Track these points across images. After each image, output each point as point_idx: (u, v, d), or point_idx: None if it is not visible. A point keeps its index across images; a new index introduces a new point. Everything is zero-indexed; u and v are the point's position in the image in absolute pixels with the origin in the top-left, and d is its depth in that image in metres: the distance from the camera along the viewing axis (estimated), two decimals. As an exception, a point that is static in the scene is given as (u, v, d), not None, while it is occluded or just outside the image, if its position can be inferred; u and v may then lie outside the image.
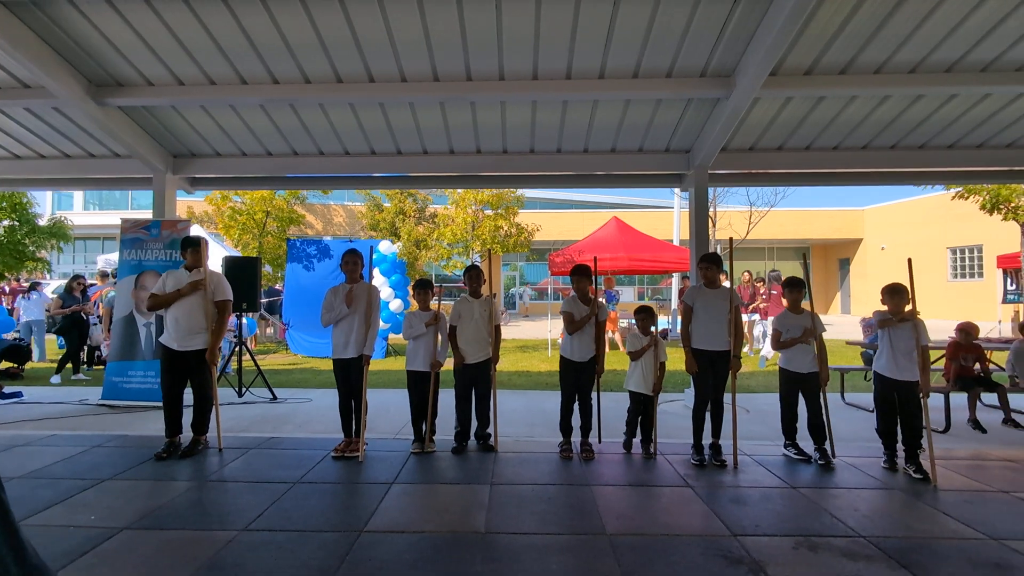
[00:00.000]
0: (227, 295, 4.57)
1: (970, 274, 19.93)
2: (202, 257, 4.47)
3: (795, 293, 4.37)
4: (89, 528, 2.95)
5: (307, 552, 2.70)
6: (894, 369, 4.01)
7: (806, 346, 4.27)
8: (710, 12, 4.32)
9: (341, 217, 25.45)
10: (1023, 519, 3.15)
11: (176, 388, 4.39)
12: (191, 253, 4.46)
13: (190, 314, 4.35)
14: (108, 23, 4.59)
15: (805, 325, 4.28)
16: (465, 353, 4.40)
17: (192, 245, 4.50)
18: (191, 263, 4.49)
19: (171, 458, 4.20)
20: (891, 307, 4.10)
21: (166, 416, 4.36)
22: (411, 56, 4.83)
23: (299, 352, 10.71)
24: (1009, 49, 4.64)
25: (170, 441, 4.34)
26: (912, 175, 6.75)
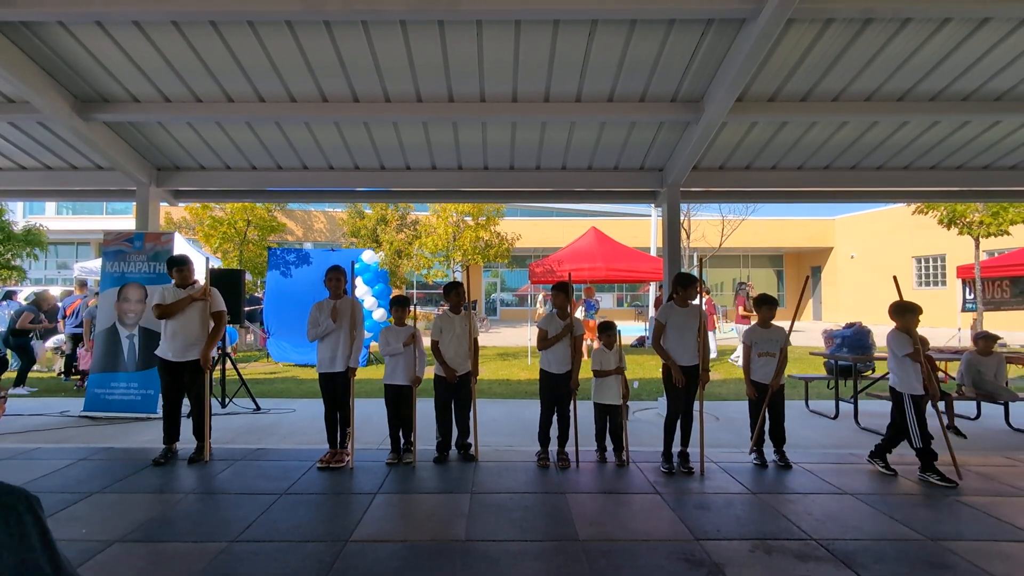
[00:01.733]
0: (222, 307, 4.77)
1: (934, 282, 20.74)
2: (191, 275, 4.67)
3: (767, 310, 4.64)
4: (80, 542, 3.04)
5: (296, 562, 2.84)
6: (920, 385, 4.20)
7: (771, 359, 4.54)
8: (679, 44, 4.59)
9: (322, 223, 25.40)
10: (962, 521, 3.43)
11: (175, 398, 4.62)
12: (177, 272, 4.62)
13: (187, 327, 4.56)
14: (97, 43, 4.68)
15: (776, 339, 4.56)
16: (446, 368, 4.54)
17: (179, 264, 4.63)
18: (179, 282, 4.64)
19: (168, 464, 4.44)
20: (902, 325, 4.29)
21: (165, 425, 4.61)
22: (395, 78, 5.01)
23: (281, 360, 10.74)
24: (954, 82, 5.00)
25: (168, 448, 4.58)
26: (872, 194, 7.14)
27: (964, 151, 6.17)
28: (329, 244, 24.11)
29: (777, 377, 4.52)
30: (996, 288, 13.28)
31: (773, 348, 4.57)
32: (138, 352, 6.26)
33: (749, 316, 10.36)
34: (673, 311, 4.48)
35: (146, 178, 6.45)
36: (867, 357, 6.37)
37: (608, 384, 4.62)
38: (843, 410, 6.28)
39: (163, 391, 4.64)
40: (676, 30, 4.45)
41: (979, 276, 12.74)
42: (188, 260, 4.73)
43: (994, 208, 12.83)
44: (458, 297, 4.67)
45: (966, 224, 13.15)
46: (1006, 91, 5.16)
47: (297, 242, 24.68)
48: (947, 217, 13.31)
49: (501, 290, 27.72)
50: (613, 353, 4.67)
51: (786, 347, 4.62)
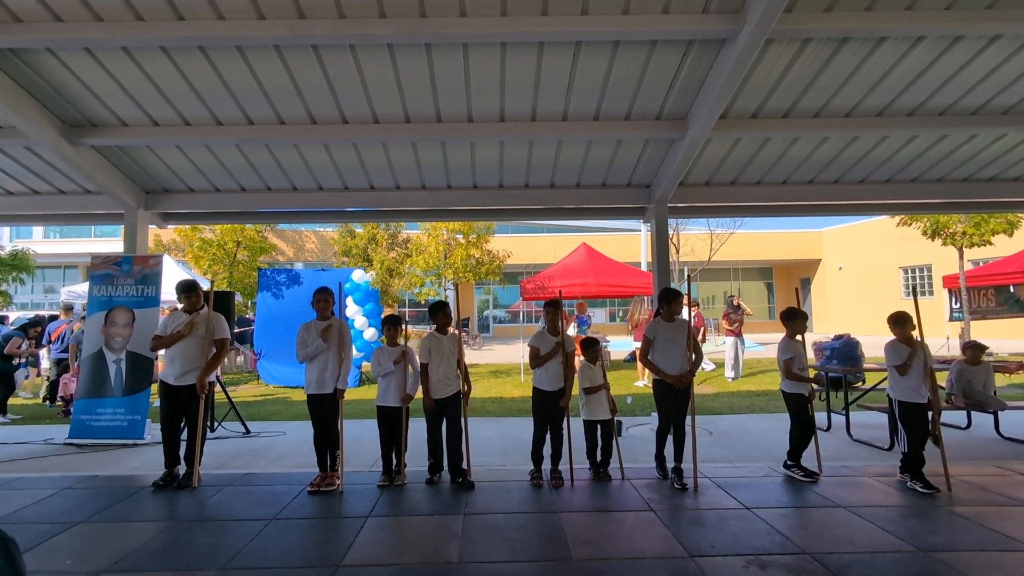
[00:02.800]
0: (225, 333, 4.78)
1: (921, 292, 20.98)
2: (199, 301, 4.74)
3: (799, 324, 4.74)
4: (66, 574, 2.97)
5: (285, 589, 2.78)
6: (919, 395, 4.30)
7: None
8: (662, 63, 4.70)
9: (313, 243, 25.36)
10: (954, 531, 3.43)
11: (173, 421, 4.61)
12: (186, 298, 4.69)
13: (187, 352, 4.59)
14: (85, 68, 4.71)
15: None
16: (435, 389, 4.46)
17: (187, 290, 4.71)
18: (188, 307, 4.69)
19: (167, 488, 4.42)
20: (900, 335, 4.41)
21: (165, 448, 4.60)
22: (383, 100, 5.07)
23: (271, 382, 10.62)
24: (930, 97, 5.14)
25: (168, 472, 4.56)
26: (855, 207, 7.27)
27: (943, 164, 6.30)
28: (320, 264, 24.04)
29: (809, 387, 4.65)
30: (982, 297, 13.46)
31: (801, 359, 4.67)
32: (125, 377, 6.17)
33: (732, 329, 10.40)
34: (660, 326, 4.53)
35: (134, 201, 6.43)
36: (857, 368, 6.41)
37: (598, 400, 4.62)
38: (835, 422, 6.30)
39: (161, 415, 4.61)
40: (659, 50, 4.55)
41: (964, 286, 12.93)
42: (197, 286, 4.81)
43: (976, 219, 13.08)
44: (445, 317, 4.58)
45: (949, 235, 13.38)
46: (980, 106, 5.30)
47: (288, 263, 24.61)
48: (931, 228, 13.55)
49: (494, 307, 27.70)
50: (598, 368, 4.68)
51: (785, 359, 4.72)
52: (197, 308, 4.72)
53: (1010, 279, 11.94)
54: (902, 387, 4.35)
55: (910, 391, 4.30)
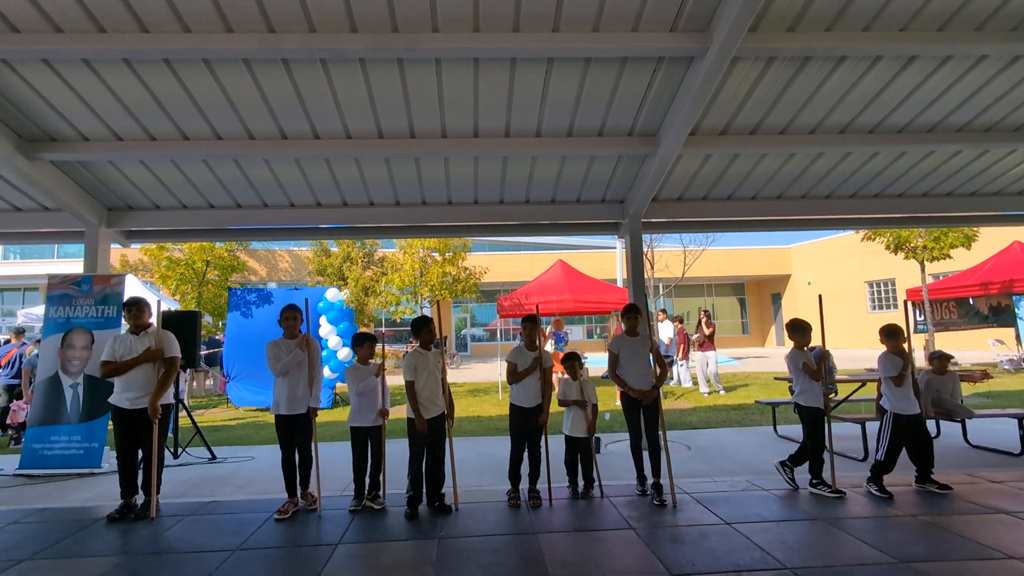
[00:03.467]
0: (175, 352, 4.54)
1: (886, 306, 21.61)
2: (146, 317, 4.47)
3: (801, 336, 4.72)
4: (3, 616, 2.75)
5: (246, 624, 2.62)
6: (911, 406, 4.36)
7: None
8: (633, 80, 4.77)
9: (287, 263, 24.93)
10: (930, 541, 3.44)
11: (130, 447, 4.33)
12: (128, 313, 4.43)
13: (142, 373, 4.34)
14: (43, 81, 4.55)
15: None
16: (423, 409, 4.18)
17: (130, 305, 4.44)
18: (135, 325, 4.43)
19: (124, 520, 4.13)
20: (892, 347, 4.47)
21: (120, 477, 4.31)
22: (356, 115, 5.02)
23: (241, 405, 10.27)
24: (890, 114, 5.32)
25: (125, 503, 4.26)
26: (822, 222, 7.44)
27: (903, 180, 6.52)
28: (293, 283, 23.61)
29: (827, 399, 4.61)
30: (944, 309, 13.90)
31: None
32: (82, 402, 5.87)
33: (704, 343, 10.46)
34: (624, 341, 4.59)
35: (96, 218, 6.20)
36: (829, 380, 6.49)
37: (575, 416, 4.58)
38: (810, 433, 6.33)
39: (117, 441, 4.34)
40: (629, 67, 4.62)
41: (927, 299, 13.33)
42: (142, 302, 4.52)
43: (935, 233, 13.56)
44: (430, 333, 4.38)
45: (911, 249, 13.83)
46: (936, 123, 5.52)
47: (261, 282, 24.09)
48: (893, 243, 13.99)
49: (471, 325, 27.51)
50: (576, 384, 4.65)
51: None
52: (144, 326, 4.46)
53: (969, 291, 12.37)
54: (897, 399, 4.39)
55: (905, 402, 4.36)
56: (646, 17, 4.14)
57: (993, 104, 5.27)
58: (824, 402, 4.51)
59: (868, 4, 4.13)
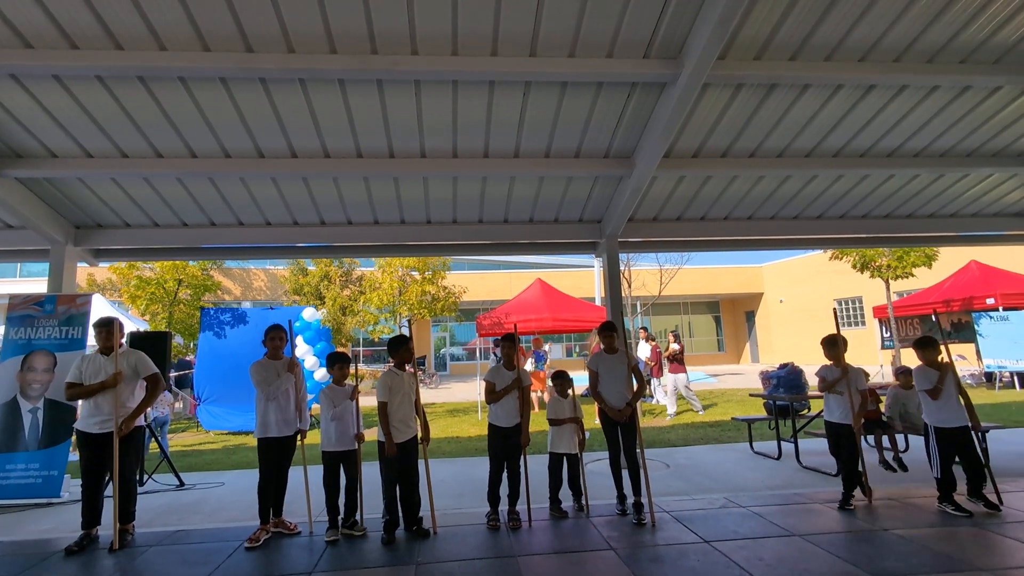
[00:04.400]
0: (153, 369, 4.43)
1: (854, 323, 22.22)
2: (115, 340, 4.29)
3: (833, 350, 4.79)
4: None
5: (214, 659, 2.51)
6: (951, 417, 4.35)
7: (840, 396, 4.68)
8: (608, 104, 4.89)
9: (262, 282, 24.47)
10: (902, 555, 3.51)
11: (97, 475, 4.12)
12: (104, 337, 4.27)
13: (112, 397, 4.17)
14: (10, 96, 4.45)
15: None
16: (395, 432, 4.08)
17: (100, 326, 4.30)
18: (104, 347, 4.28)
19: (83, 552, 3.92)
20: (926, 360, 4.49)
21: (84, 507, 4.10)
22: (334, 135, 5.02)
23: (212, 428, 9.95)
24: (852, 139, 5.56)
25: (86, 534, 4.06)
26: (791, 242, 7.68)
27: (866, 202, 6.78)
28: (269, 303, 23.16)
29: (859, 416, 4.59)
30: (908, 326, 14.37)
31: (842, 387, 4.64)
32: (42, 428, 5.60)
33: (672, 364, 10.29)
34: (602, 358, 4.64)
35: (62, 237, 6.03)
36: (802, 396, 6.63)
37: (564, 433, 4.59)
38: (786, 449, 6.44)
39: (84, 469, 4.12)
40: (604, 92, 4.74)
41: (892, 316, 13.77)
42: (113, 322, 4.37)
43: (898, 252, 14.08)
44: (408, 352, 4.32)
45: (876, 268, 14.31)
46: (895, 148, 5.78)
47: (235, 301, 23.57)
48: (859, 262, 14.47)
49: (450, 344, 27.32)
50: (568, 402, 4.66)
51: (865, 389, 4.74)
52: (114, 347, 4.29)
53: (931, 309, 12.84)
54: (934, 412, 4.40)
55: (943, 414, 4.35)
56: (620, 44, 4.27)
57: (946, 131, 5.56)
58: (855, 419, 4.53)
59: (829, 36, 4.34)
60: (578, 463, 4.62)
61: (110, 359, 4.26)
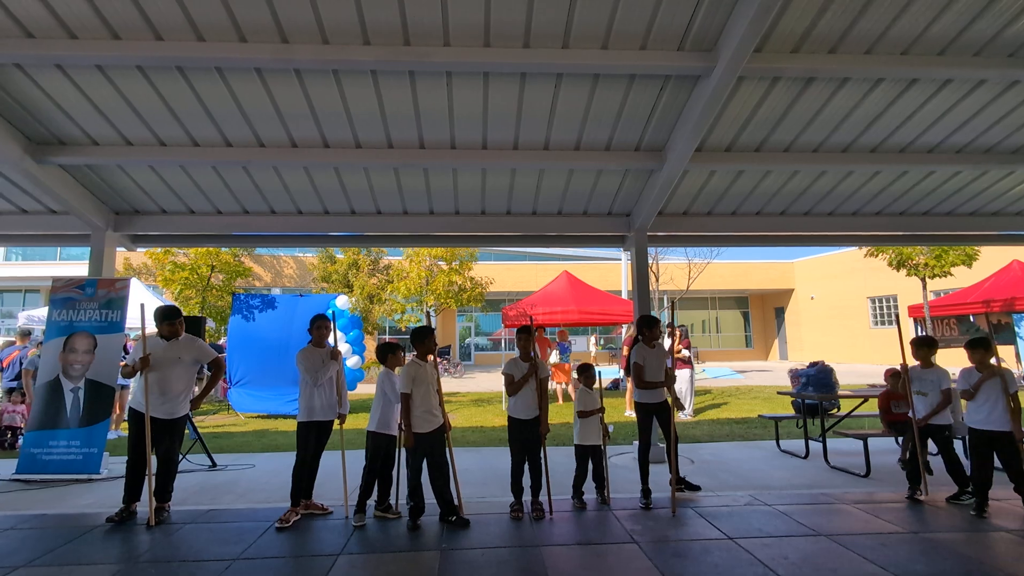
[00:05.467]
0: (212, 355, 4.69)
1: (887, 322, 21.61)
2: (181, 328, 4.58)
3: (926, 351, 4.83)
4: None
5: (249, 634, 2.61)
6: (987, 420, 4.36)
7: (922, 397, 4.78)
8: (640, 97, 4.83)
9: (292, 269, 24.95)
10: (932, 559, 3.43)
11: (143, 454, 4.31)
12: (167, 326, 4.50)
13: (173, 381, 4.41)
14: (56, 85, 4.59)
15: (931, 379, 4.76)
16: (419, 422, 4.12)
17: (171, 317, 4.55)
18: (168, 334, 4.51)
19: (123, 527, 4.12)
20: (975, 360, 4.50)
21: (127, 482, 4.30)
22: (366, 125, 5.07)
23: (243, 411, 10.25)
24: (891, 135, 5.38)
25: (126, 507, 4.26)
26: (824, 238, 7.48)
27: (905, 198, 6.57)
28: (298, 290, 23.62)
29: (927, 416, 4.68)
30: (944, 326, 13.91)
31: (926, 387, 4.73)
32: (83, 407, 5.85)
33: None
34: (646, 351, 4.70)
35: (102, 223, 6.23)
36: (832, 395, 6.49)
37: (592, 425, 4.64)
38: (813, 449, 6.33)
39: (132, 445, 4.31)
40: (637, 84, 4.68)
41: (928, 315, 13.35)
42: (180, 312, 4.68)
43: (936, 251, 13.61)
44: (432, 343, 4.37)
45: (913, 266, 13.87)
46: (936, 144, 5.57)
47: (265, 288, 24.10)
48: (895, 260, 14.04)
49: (475, 334, 27.47)
50: (596, 393, 4.70)
51: (947, 389, 4.72)
52: (178, 335, 4.54)
53: (970, 309, 12.40)
54: (969, 412, 4.48)
55: (977, 415, 4.40)
56: (654, 36, 4.20)
57: (991, 127, 5.34)
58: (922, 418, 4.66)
59: (870, 28, 4.20)
60: (603, 455, 4.66)
61: (171, 345, 4.47)
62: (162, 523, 4.21)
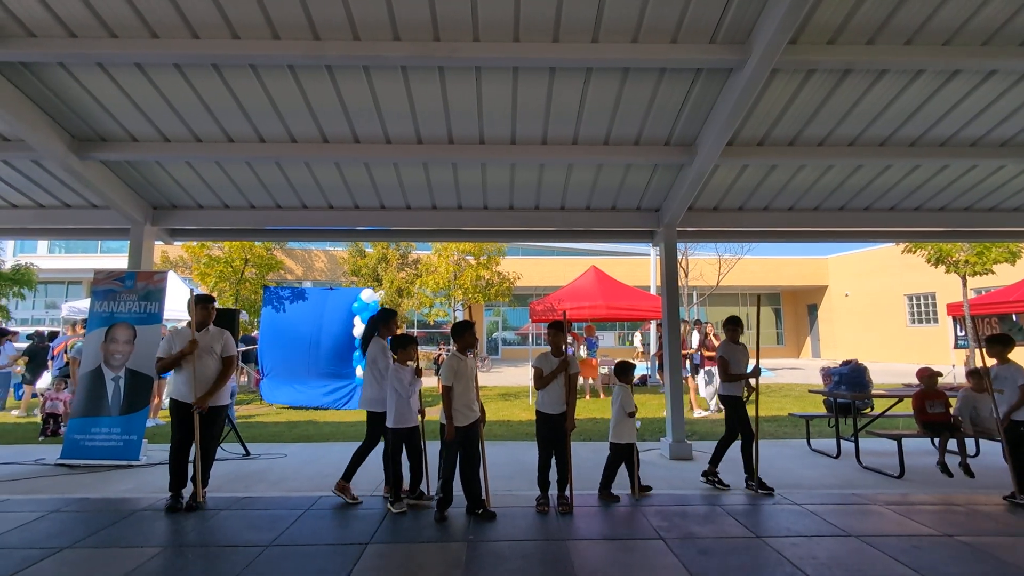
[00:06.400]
0: (233, 352, 4.81)
1: (926, 320, 20.89)
2: (212, 315, 4.73)
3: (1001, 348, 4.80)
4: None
5: (283, 617, 2.68)
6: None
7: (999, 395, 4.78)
8: (671, 91, 4.76)
9: (322, 263, 25.39)
10: (966, 563, 3.33)
11: (186, 442, 4.50)
12: (202, 310, 4.66)
13: (206, 370, 4.56)
14: (97, 83, 4.75)
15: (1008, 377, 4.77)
16: (459, 415, 4.14)
17: (208, 300, 4.73)
18: (201, 320, 4.64)
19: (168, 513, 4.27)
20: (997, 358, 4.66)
21: (173, 469, 4.45)
22: (396, 121, 5.12)
23: (273, 402, 10.50)
24: (931, 128, 5.20)
25: (175, 495, 4.42)
26: (860, 234, 7.27)
27: (945, 193, 6.33)
28: (329, 283, 24.05)
29: (1007, 413, 4.67)
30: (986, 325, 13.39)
31: (1003, 384, 4.73)
32: (123, 395, 6.08)
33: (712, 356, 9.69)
34: (732, 348, 5.14)
35: (141, 216, 6.44)
36: (865, 395, 6.32)
37: (630, 423, 4.74)
38: (845, 448, 6.19)
39: (173, 436, 4.49)
40: (667, 78, 4.61)
41: (968, 314, 12.86)
42: (214, 299, 4.85)
43: (978, 248, 13.09)
44: (473, 337, 4.35)
45: (953, 263, 13.37)
46: (979, 137, 5.36)
47: (296, 281, 24.59)
48: (934, 256, 13.55)
49: (503, 329, 27.54)
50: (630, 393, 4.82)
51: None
52: (207, 323, 4.67)
53: (1012, 308, 11.88)
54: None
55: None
56: (685, 28, 4.13)
57: (1039, 119, 5.10)
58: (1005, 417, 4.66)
59: (910, 18, 4.05)
60: (635, 452, 4.76)
61: (203, 335, 4.60)
62: (197, 508, 4.34)
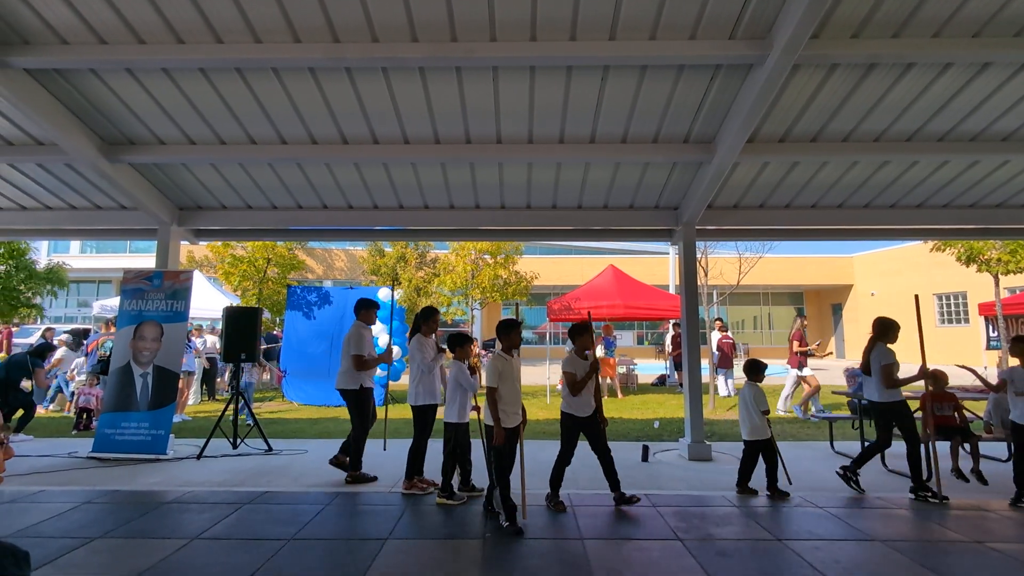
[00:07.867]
0: None
1: (956, 320, 20.30)
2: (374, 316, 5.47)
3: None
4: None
5: (303, 610, 2.73)
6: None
7: None
8: (690, 87, 4.71)
9: (343, 262, 25.74)
10: (991, 569, 3.24)
11: None
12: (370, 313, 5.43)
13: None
14: (126, 88, 4.89)
15: None
16: (505, 417, 4.00)
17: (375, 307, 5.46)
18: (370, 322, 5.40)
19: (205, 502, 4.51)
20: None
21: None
22: (414, 121, 5.16)
23: (295, 400, 10.68)
24: (960, 123, 5.05)
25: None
26: (886, 232, 7.08)
27: (975, 190, 6.14)
28: (349, 282, 24.36)
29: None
30: (1019, 325, 12.96)
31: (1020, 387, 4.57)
32: (151, 391, 6.26)
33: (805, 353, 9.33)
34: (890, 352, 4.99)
35: (168, 217, 6.61)
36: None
37: (763, 421, 4.84)
38: (869, 453, 6.04)
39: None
40: (686, 75, 4.56)
41: (1001, 314, 12.46)
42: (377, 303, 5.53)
43: (1011, 246, 12.67)
44: (518, 336, 4.26)
45: (984, 261, 12.97)
46: (1012, 132, 5.19)
47: (317, 280, 24.99)
48: (965, 255, 13.16)
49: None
50: None
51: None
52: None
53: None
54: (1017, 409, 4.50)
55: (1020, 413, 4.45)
56: (704, 25, 4.08)
57: (1075, 112, 4.91)
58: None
59: (938, 10, 3.94)
60: (775, 448, 4.82)
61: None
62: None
